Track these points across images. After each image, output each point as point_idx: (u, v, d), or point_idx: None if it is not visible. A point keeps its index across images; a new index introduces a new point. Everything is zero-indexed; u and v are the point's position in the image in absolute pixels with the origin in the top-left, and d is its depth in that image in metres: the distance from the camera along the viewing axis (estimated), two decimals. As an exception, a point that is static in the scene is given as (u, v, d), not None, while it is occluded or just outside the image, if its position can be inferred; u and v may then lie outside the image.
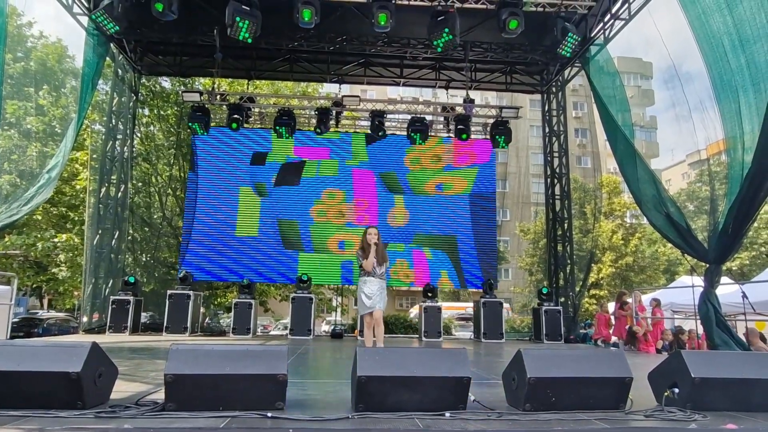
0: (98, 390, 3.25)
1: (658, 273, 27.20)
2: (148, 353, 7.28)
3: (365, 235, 5.94)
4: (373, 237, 5.88)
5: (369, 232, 5.92)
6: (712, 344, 7.28)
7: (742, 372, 3.39)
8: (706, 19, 7.82)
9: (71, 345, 3.21)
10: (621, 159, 9.88)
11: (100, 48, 10.54)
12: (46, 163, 10.54)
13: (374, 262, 5.86)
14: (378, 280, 5.92)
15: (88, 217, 11.88)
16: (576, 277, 13.02)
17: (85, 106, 10.22)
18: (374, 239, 5.87)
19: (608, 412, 3.29)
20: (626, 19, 10.40)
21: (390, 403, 3.18)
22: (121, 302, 10.79)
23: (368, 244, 5.88)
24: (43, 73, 16.85)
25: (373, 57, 13.13)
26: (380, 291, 5.90)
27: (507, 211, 26.25)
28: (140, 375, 4.83)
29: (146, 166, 15.61)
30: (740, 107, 7.32)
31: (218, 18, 9.47)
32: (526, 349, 3.40)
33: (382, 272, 5.95)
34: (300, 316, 11.15)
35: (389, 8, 8.64)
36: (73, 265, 16.11)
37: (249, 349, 3.30)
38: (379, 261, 5.91)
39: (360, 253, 5.99)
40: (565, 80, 13.42)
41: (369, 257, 5.84)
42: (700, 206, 25.07)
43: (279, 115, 12.55)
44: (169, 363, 3.08)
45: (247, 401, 3.14)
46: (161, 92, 16.25)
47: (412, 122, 12.79)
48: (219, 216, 12.98)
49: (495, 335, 11.26)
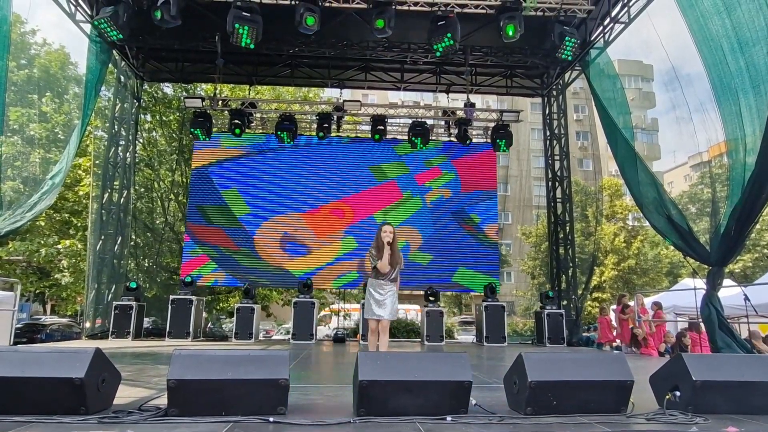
0: (101, 395, 3.27)
1: (660, 275, 27.12)
2: (151, 358, 7.30)
3: (380, 232, 5.39)
4: (389, 235, 5.32)
5: (384, 230, 5.36)
6: (714, 347, 7.26)
7: (743, 375, 3.39)
8: (704, 22, 7.84)
9: (74, 351, 3.23)
10: (622, 162, 9.89)
11: (102, 55, 10.61)
12: (49, 170, 10.59)
13: (388, 265, 5.32)
14: (390, 284, 5.43)
15: (91, 223, 11.93)
16: (578, 280, 13.00)
17: (88, 112, 10.29)
18: (389, 238, 5.32)
19: (609, 415, 3.30)
20: (626, 23, 10.44)
21: (392, 407, 3.19)
22: (124, 307, 10.83)
23: (383, 243, 5.32)
24: (46, 80, 16.96)
25: (374, 62, 13.19)
26: (392, 297, 5.43)
27: (509, 215, 26.23)
28: (143, 380, 4.85)
29: (148, 171, 15.68)
30: (741, 109, 7.33)
31: (220, 24, 9.54)
32: (527, 353, 3.41)
33: (395, 275, 5.46)
34: (302, 321, 11.16)
35: (389, 13, 8.69)
36: (76, 270, 16.17)
37: (251, 354, 3.32)
38: (394, 263, 5.38)
39: (374, 252, 5.42)
40: (565, 83, 13.46)
41: (383, 258, 5.29)
42: (702, 208, 25.01)
43: (281, 120, 12.59)
44: (172, 368, 3.11)
45: (249, 406, 3.16)
46: (163, 98, 16.34)
47: (413, 126, 12.81)
48: (221, 221, 13.01)
49: (497, 339, 11.24)
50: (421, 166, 13.72)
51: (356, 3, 9.31)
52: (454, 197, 13.61)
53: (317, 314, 11.83)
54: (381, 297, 5.39)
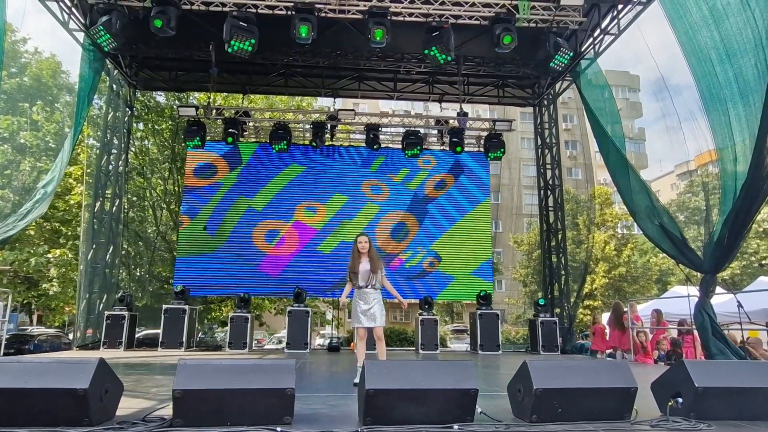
0: (104, 407, 3.23)
1: (650, 283, 27.40)
2: (146, 369, 7.21)
3: (355, 243, 5.56)
4: (365, 245, 5.51)
5: (359, 240, 5.54)
6: (708, 353, 7.34)
7: (745, 381, 3.44)
8: (693, 33, 8.00)
9: (78, 361, 3.19)
10: (613, 170, 10.01)
11: (95, 63, 10.56)
12: (39, 178, 10.48)
13: (368, 273, 5.45)
14: (373, 291, 5.50)
15: (82, 232, 11.79)
16: (570, 287, 13.09)
17: (81, 121, 10.22)
18: (366, 247, 5.51)
19: (614, 422, 3.32)
20: (615, 34, 10.61)
21: (398, 416, 3.19)
22: (116, 317, 10.70)
23: (359, 253, 5.51)
24: (37, 88, 16.83)
25: (367, 71, 13.26)
26: (378, 304, 5.49)
27: (500, 223, 26.38)
28: (142, 390, 4.79)
29: (140, 180, 15.58)
30: (730, 119, 7.47)
31: (214, 34, 9.56)
32: (532, 361, 3.43)
33: (377, 281, 5.51)
34: (296, 330, 11.10)
35: (386, 24, 8.77)
36: (65, 280, 15.96)
37: (257, 364, 3.31)
38: (374, 269, 5.48)
39: (349, 264, 5.61)
40: (556, 93, 13.62)
41: (361, 267, 5.44)
42: (690, 216, 25.35)
43: (275, 129, 12.59)
44: (178, 378, 3.08)
45: (255, 416, 3.14)
46: (156, 107, 16.28)
47: (406, 135, 12.89)
48: (213, 229, 12.93)
49: (492, 347, 11.26)
50: (415, 175, 13.76)
51: (352, 14, 9.37)
52: (447, 203, 13.66)
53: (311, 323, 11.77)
54: (367, 306, 5.45)
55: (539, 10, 9.57)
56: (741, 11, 7.30)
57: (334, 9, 9.24)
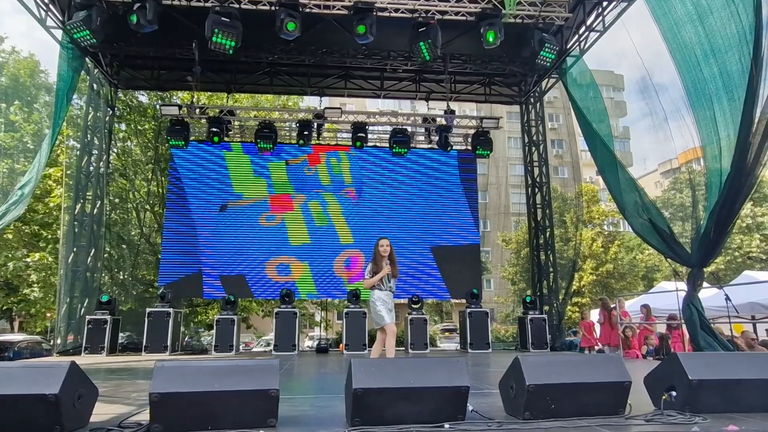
0: (77, 413, 3.07)
1: (637, 279, 27.65)
2: (128, 373, 7.01)
3: (377, 247, 5.72)
4: (386, 249, 5.69)
5: (381, 244, 5.70)
6: (696, 347, 7.35)
7: (738, 373, 3.39)
8: (678, 30, 8.01)
9: (48, 365, 3.03)
10: (602, 167, 10.02)
11: (74, 62, 10.28)
12: (17, 180, 10.19)
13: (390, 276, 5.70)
14: (390, 293, 5.76)
15: (62, 235, 11.48)
16: (559, 285, 13.10)
17: (60, 121, 9.93)
18: (387, 250, 5.70)
19: (608, 417, 3.25)
20: (600, 31, 10.63)
21: (388, 416, 3.08)
22: (98, 322, 10.44)
23: (381, 257, 5.67)
24: (14, 88, 16.43)
25: (354, 69, 13.14)
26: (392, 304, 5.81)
27: (488, 222, 26.44)
28: (121, 396, 4.62)
29: (123, 182, 15.27)
30: (715, 114, 7.50)
31: (197, 31, 9.36)
32: (524, 356, 3.35)
33: (392, 285, 5.78)
34: (284, 331, 10.93)
35: (370, 19, 8.68)
36: (46, 285, 15.58)
37: (238, 365, 3.17)
38: (395, 273, 5.77)
39: (373, 267, 5.71)
40: (542, 91, 13.63)
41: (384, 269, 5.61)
42: (675, 213, 25.62)
43: (260, 128, 12.41)
44: (154, 381, 2.93)
45: (237, 419, 3.01)
46: (138, 107, 15.98)
47: (394, 134, 12.80)
48: (199, 231, 12.71)
49: (481, 345, 11.22)
50: (404, 173, 13.67)
51: (337, 9, 9.24)
52: (435, 204, 13.59)
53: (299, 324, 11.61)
54: (390, 305, 5.73)
55: (525, 6, 9.54)
56: (725, 6, 7.33)
57: (318, 4, 9.12)
